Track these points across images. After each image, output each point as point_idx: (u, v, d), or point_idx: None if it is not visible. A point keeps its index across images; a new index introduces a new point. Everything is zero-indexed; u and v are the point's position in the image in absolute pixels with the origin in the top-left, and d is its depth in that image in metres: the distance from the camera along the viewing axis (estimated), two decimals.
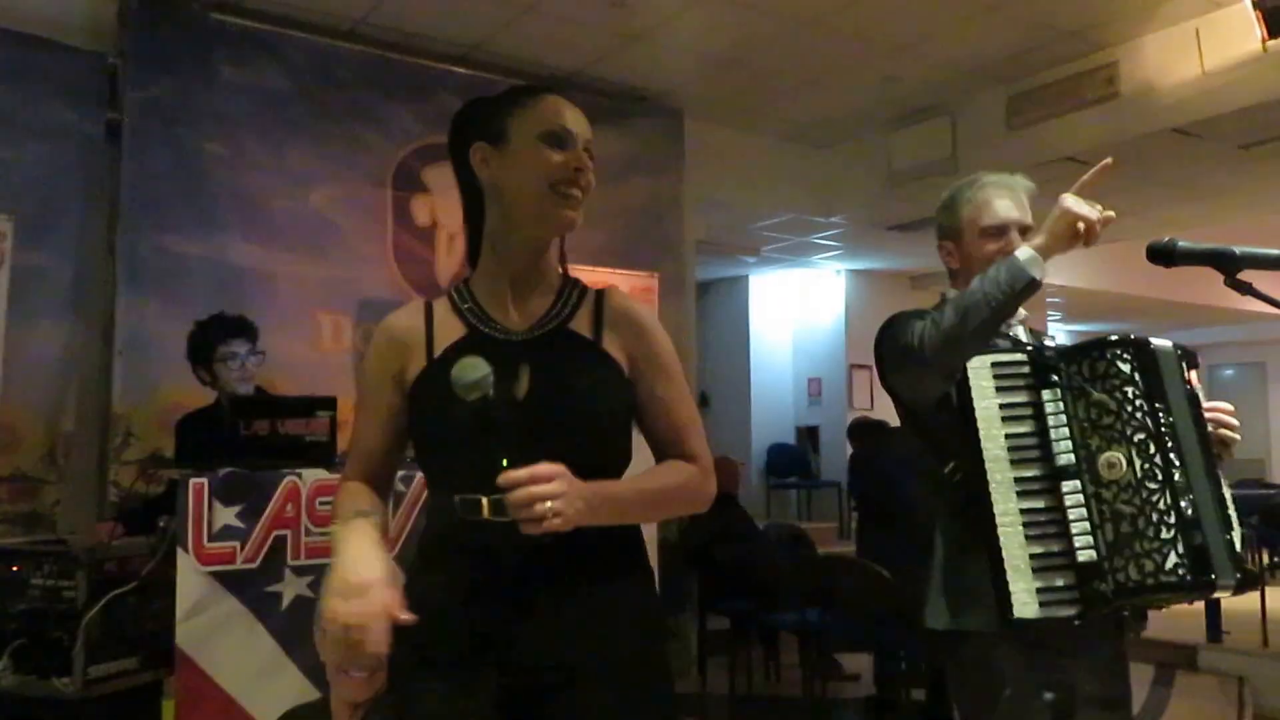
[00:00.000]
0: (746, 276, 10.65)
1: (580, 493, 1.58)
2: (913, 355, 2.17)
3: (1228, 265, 1.89)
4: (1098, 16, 5.79)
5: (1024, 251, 2.10)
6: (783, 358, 10.83)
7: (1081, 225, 2.08)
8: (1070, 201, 2.09)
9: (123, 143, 4.94)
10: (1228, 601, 7.28)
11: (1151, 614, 2.34)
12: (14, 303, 4.40)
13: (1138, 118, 6.08)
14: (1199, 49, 5.74)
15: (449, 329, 1.78)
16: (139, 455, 4.68)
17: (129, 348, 4.83)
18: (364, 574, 1.57)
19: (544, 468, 1.56)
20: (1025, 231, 2.35)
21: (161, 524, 3.10)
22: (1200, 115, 5.91)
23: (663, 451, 1.82)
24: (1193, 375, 2.23)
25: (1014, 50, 6.20)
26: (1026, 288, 2.09)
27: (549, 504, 1.55)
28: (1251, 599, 6.90)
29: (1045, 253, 2.10)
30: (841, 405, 10.13)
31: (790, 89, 6.74)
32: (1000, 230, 2.37)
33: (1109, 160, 2.14)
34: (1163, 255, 1.95)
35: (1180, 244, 1.92)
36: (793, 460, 10.57)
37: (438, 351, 1.76)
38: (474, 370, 1.61)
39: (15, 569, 3.06)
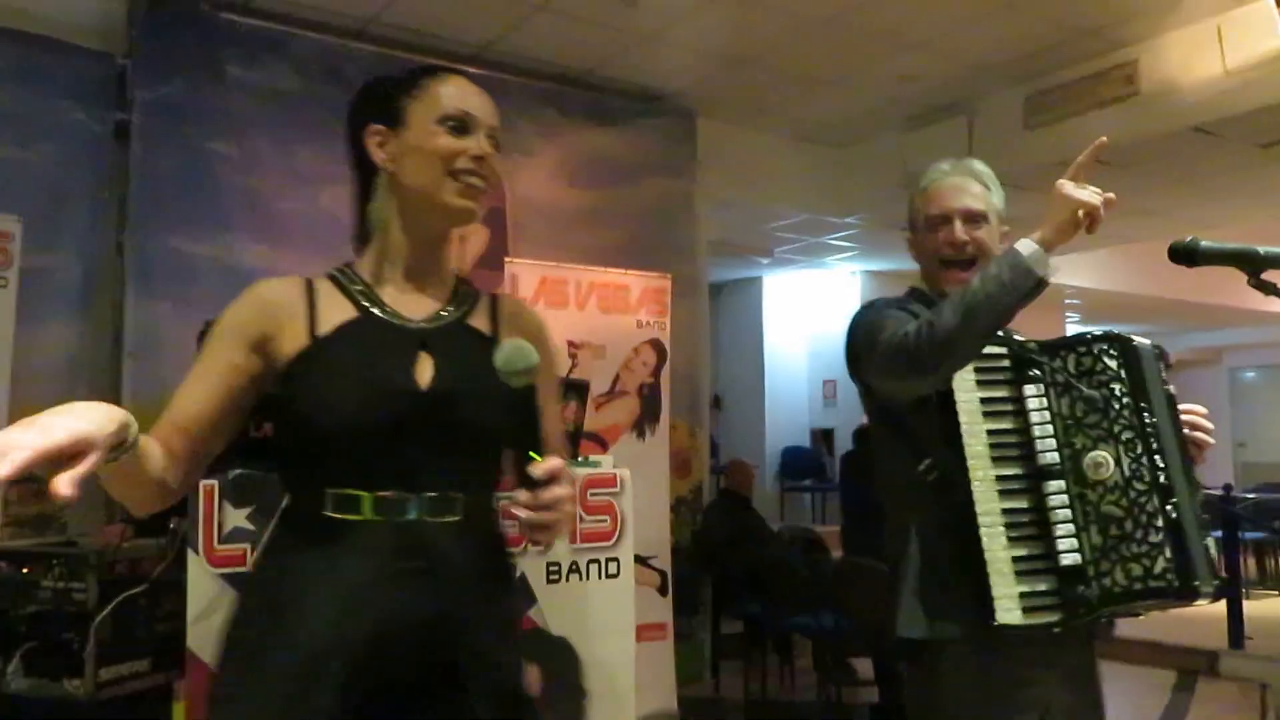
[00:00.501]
0: (760, 278, 10.63)
1: None
2: (905, 355, 2.01)
3: (1252, 265, 1.86)
4: (1117, 14, 5.75)
5: (1026, 245, 1.95)
6: (797, 360, 10.80)
7: (1082, 211, 1.94)
8: (1068, 188, 1.96)
9: (131, 143, 4.95)
10: (1250, 606, 7.28)
11: (1171, 619, 2.31)
12: (23, 304, 4.39)
13: (1158, 117, 6.03)
14: (1220, 46, 5.69)
15: (334, 308, 1.65)
16: None
17: (139, 349, 4.84)
18: (54, 417, 1.26)
19: (560, 465, 1.49)
20: (973, 219, 2.27)
21: (172, 526, 3.12)
22: (1222, 114, 5.86)
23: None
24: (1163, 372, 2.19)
25: (1032, 48, 6.16)
26: (1034, 288, 1.94)
27: (569, 509, 1.49)
28: (1275, 604, 6.88)
29: (1048, 245, 1.95)
30: (857, 408, 9.94)
31: (804, 88, 6.73)
32: (943, 219, 2.29)
33: (1103, 139, 2.06)
34: (1185, 255, 1.92)
35: (1203, 244, 1.89)
36: (807, 463, 10.56)
37: (322, 330, 1.62)
38: (528, 356, 1.52)
39: (25, 571, 3.08)
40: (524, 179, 6.14)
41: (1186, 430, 2.19)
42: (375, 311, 1.66)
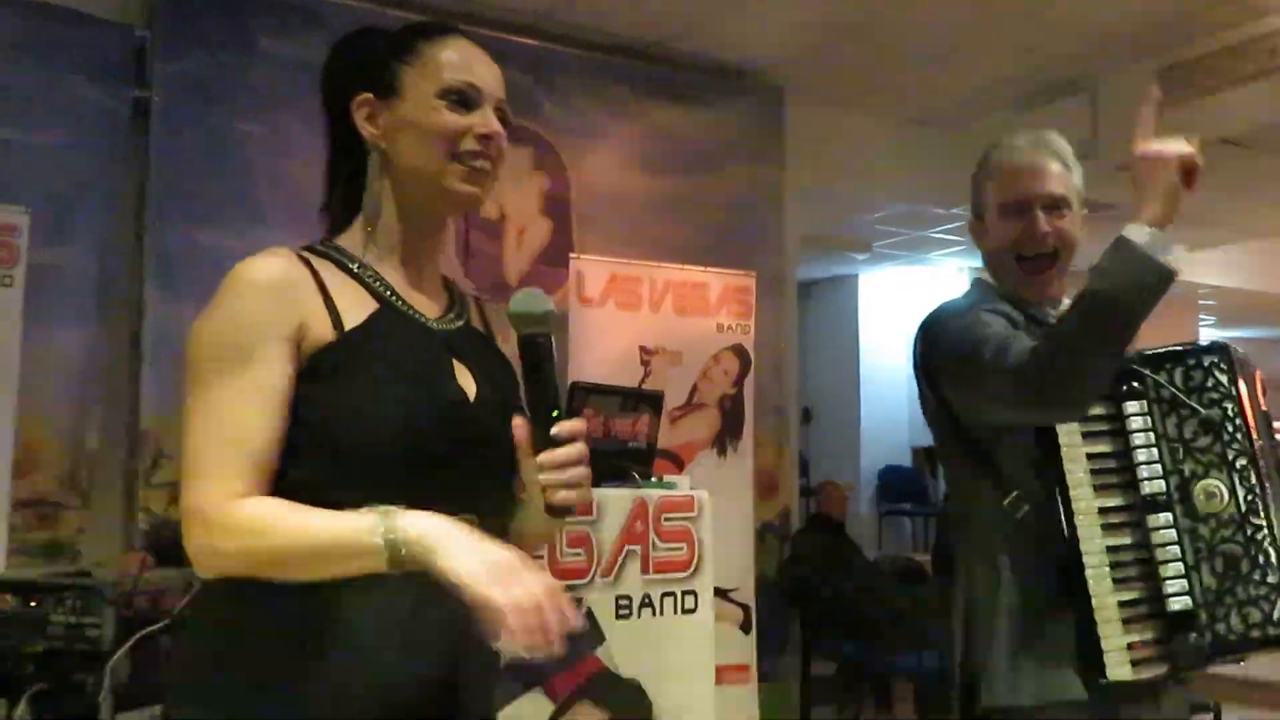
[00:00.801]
0: (856, 275, 10.74)
1: None
2: (1033, 382, 1.86)
3: None
4: None
5: (1138, 232, 1.81)
6: (897, 368, 10.77)
7: (1180, 168, 1.83)
8: (1155, 147, 1.86)
9: (151, 123, 4.94)
10: None
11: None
12: (31, 305, 4.36)
13: None
14: None
15: (349, 296, 1.56)
16: (171, 477, 4.64)
17: (159, 355, 4.81)
18: (504, 552, 1.37)
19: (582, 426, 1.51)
20: (1055, 206, 2.15)
21: None
22: None
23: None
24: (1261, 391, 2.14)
25: (1165, 17, 6.02)
26: (1162, 282, 1.80)
27: (584, 470, 1.49)
28: None
29: (1160, 223, 1.82)
30: None
31: (908, 63, 6.64)
32: (1021, 207, 2.16)
33: (1154, 87, 1.99)
34: None
35: None
36: (907, 484, 10.60)
37: (348, 321, 1.53)
38: (542, 301, 1.51)
39: (33, 604, 3.16)
40: (591, 165, 6.15)
41: None
42: (399, 305, 1.60)
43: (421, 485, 1.47)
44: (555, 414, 1.48)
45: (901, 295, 10.67)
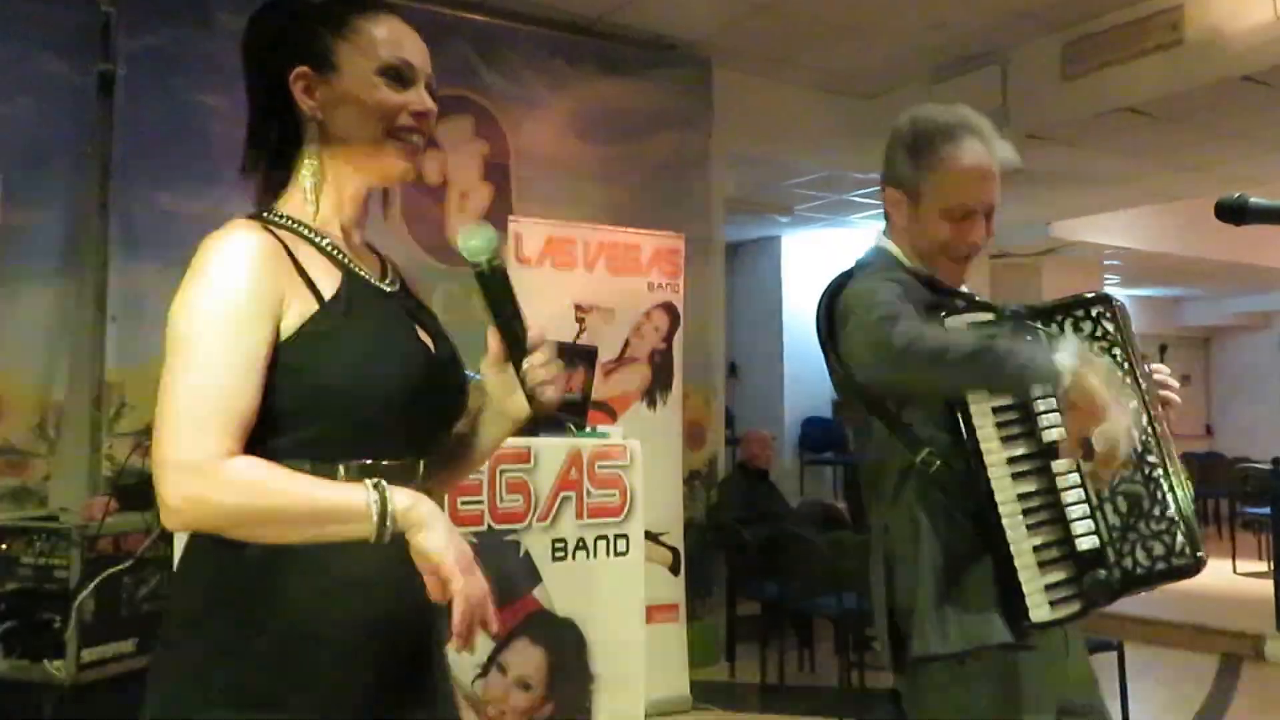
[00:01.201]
0: (779, 237, 10.52)
1: None
2: (883, 350, 1.90)
3: None
4: None
5: (1065, 364, 1.77)
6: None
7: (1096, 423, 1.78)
8: (1096, 380, 1.77)
9: (115, 95, 4.96)
10: None
11: (1215, 601, 2.23)
12: (1, 265, 4.45)
13: (1204, 65, 5.99)
14: None
15: (317, 266, 1.56)
16: (134, 427, 4.72)
17: (123, 312, 4.87)
18: (466, 546, 1.42)
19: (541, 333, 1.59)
20: (990, 213, 2.14)
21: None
22: (1272, 62, 5.81)
23: None
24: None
25: None
26: (1035, 385, 1.87)
27: (558, 366, 1.60)
28: None
29: (1085, 368, 1.80)
30: None
31: (828, 35, 6.67)
32: (963, 213, 2.13)
33: None
34: (1233, 213, 1.89)
35: (1252, 200, 1.87)
36: (828, 434, 10.45)
37: (324, 291, 1.53)
38: (487, 231, 1.54)
39: (4, 547, 3.10)
40: (529, 132, 6.14)
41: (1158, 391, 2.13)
42: (359, 272, 1.61)
43: (397, 433, 1.54)
44: (524, 326, 1.55)
45: (822, 256, 10.38)
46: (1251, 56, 5.84)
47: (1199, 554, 1.97)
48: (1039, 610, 1.93)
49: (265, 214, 1.59)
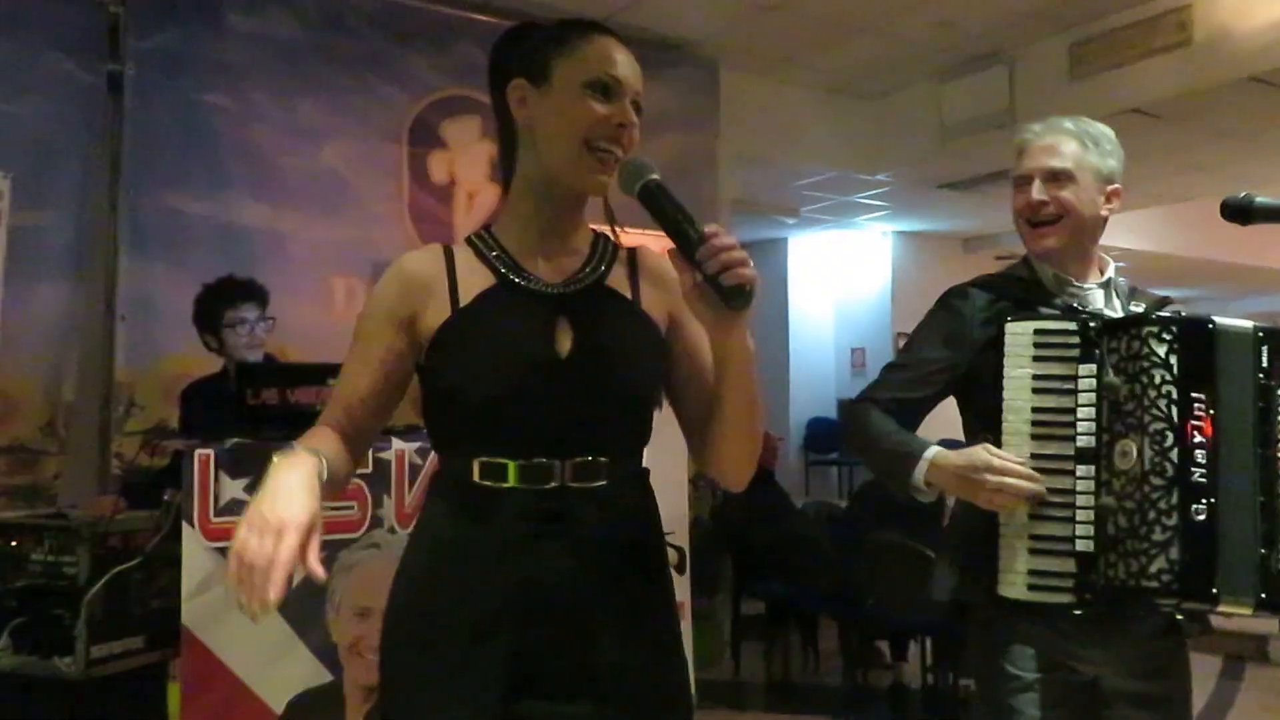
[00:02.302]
0: (785, 239, 10.63)
1: None
2: (843, 421, 2.39)
3: None
4: None
5: (923, 467, 2.19)
6: (823, 326, 10.81)
7: (989, 496, 2.12)
8: (996, 462, 2.11)
9: (125, 95, 4.97)
10: None
11: None
12: (11, 265, 4.44)
13: (1212, 66, 5.99)
14: None
15: (474, 276, 1.72)
16: (143, 425, 4.73)
17: (132, 312, 4.89)
18: (283, 512, 1.42)
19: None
20: (1056, 179, 2.30)
21: (166, 497, 3.13)
22: None
23: (704, 396, 1.76)
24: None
25: None
26: (901, 490, 2.24)
27: (741, 251, 1.55)
28: None
29: (937, 482, 2.21)
30: None
31: (834, 36, 6.68)
32: (1023, 180, 2.34)
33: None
34: (1239, 213, 1.90)
35: (1258, 200, 1.88)
36: (834, 436, 10.50)
37: (464, 299, 1.69)
38: (638, 159, 1.64)
39: (14, 544, 3.09)
40: None
41: None
42: (513, 278, 1.71)
43: (521, 432, 1.64)
44: (697, 225, 1.55)
45: (828, 258, 10.68)
46: (1260, 57, 5.84)
47: (1199, 586, 1.98)
48: (1010, 589, 2.11)
49: (475, 231, 1.79)
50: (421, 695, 1.66)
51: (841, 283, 10.75)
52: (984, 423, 2.20)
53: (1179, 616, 2.22)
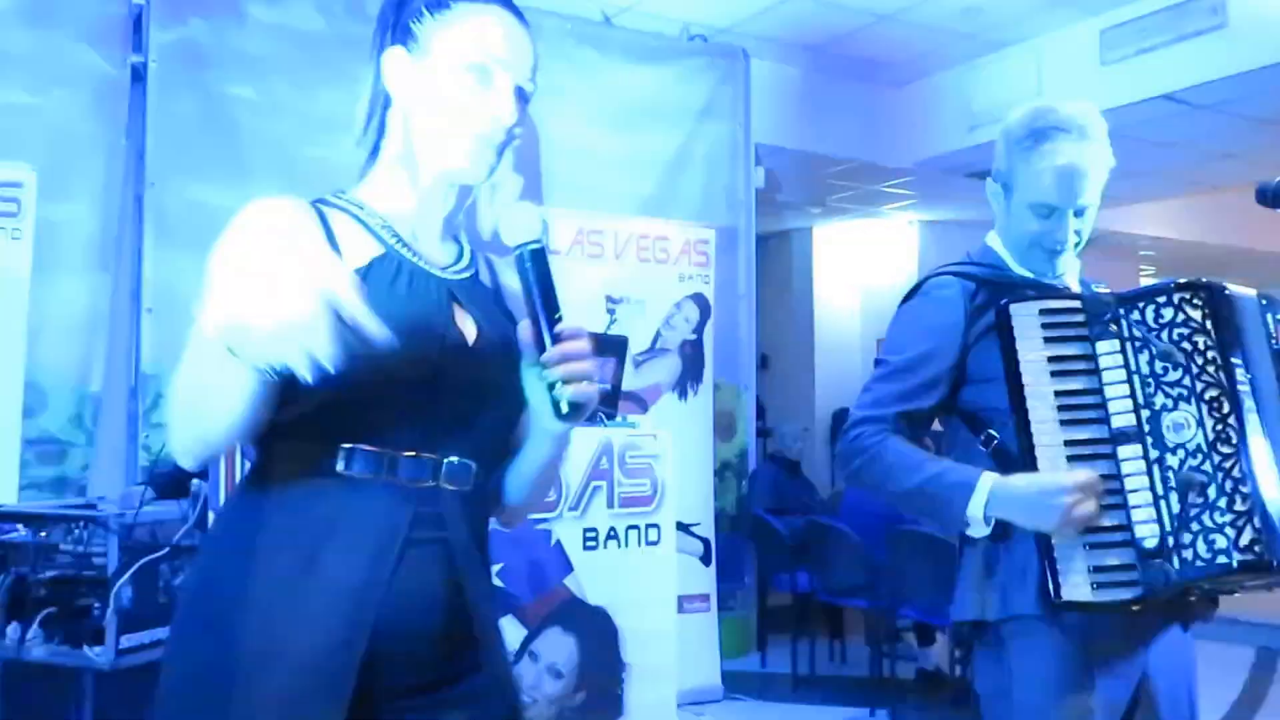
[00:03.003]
0: (810, 228, 10.57)
1: None
2: (842, 448, 2.15)
3: None
4: None
5: (978, 503, 1.98)
6: (849, 316, 10.76)
7: (1068, 519, 1.90)
8: (1068, 480, 1.92)
9: (148, 87, 4.99)
10: None
11: (1252, 596, 2.18)
12: (38, 258, 4.42)
13: (1247, 51, 5.93)
14: None
15: (354, 239, 1.50)
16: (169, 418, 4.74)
17: (158, 305, 4.92)
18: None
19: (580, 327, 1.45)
20: (1081, 213, 2.15)
21: (193, 489, 3.16)
22: None
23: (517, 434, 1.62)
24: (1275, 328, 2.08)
25: None
26: (950, 526, 2.07)
27: (590, 364, 1.43)
28: None
29: (1000, 514, 1.99)
30: None
31: (860, 23, 6.68)
32: (1050, 211, 2.14)
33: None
34: (1274, 197, 1.88)
35: None
36: None
37: (350, 264, 1.42)
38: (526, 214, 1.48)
39: (44, 534, 3.13)
40: (559, 123, 6.08)
41: None
42: (402, 251, 1.52)
43: (407, 421, 1.46)
44: (557, 316, 1.43)
45: (853, 247, 10.61)
46: None
47: (1272, 553, 1.88)
48: (1075, 591, 1.92)
49: (323, 196, 1.56)
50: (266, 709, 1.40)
51: (867, 272, 10.72)
52: (989, 422, 2.08)
53: (1193, 598, 2.07)
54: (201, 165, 5.03)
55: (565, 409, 1.43)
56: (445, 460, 1.49)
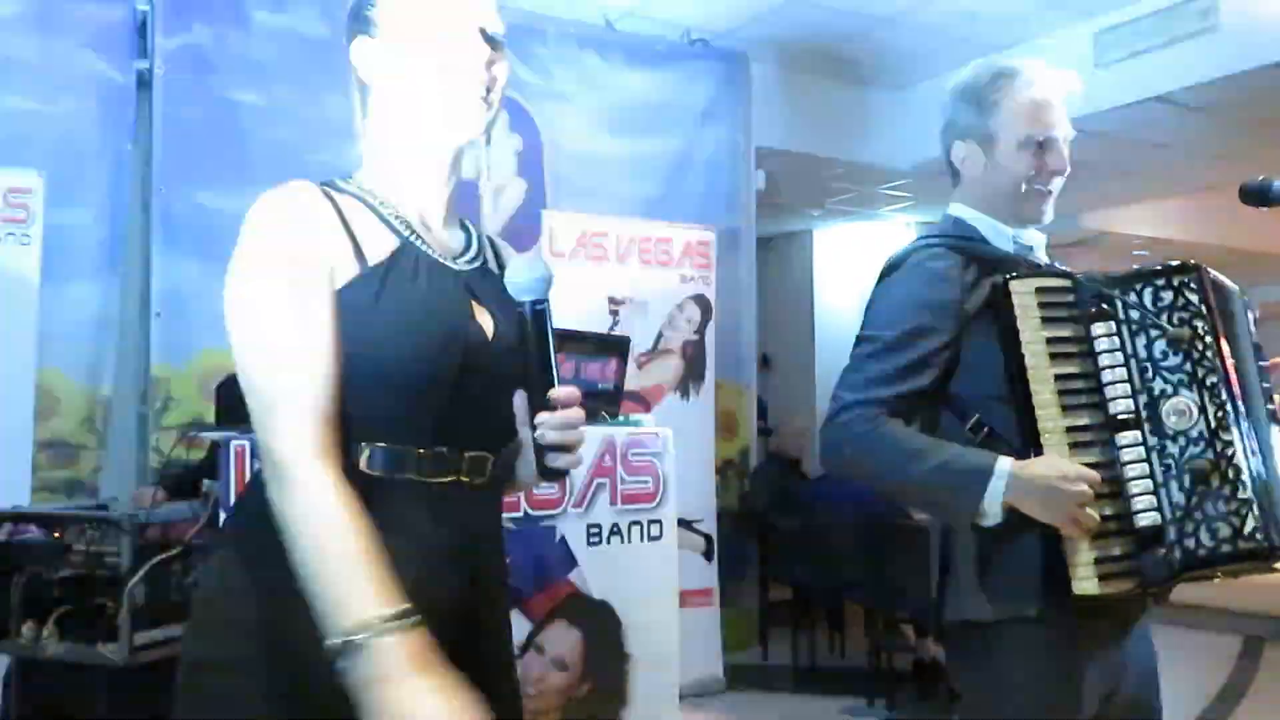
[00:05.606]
0: (810, 231, 10.56)
1: None
2: (830, 434, 2.00)
3: None
4: None
5: (997, 488, 1.85)
6: (849, 317, 10.70)
7: (1075, 512, 1.81)
8: (1075, 470, 1.82)
9: (154, 93, 5.00)
10: None
11: (1237, 584, 2.08)
12: (47, 263, 4.46)
13: (1239, 52, 5.90)
14: None
15: (370, 230, 1.47)
16: (179, 419, 4.77)
17: (167, 309, 4.93)
18: None
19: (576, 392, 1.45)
20: (1068, 138, 2.09)
21: (204, 488, 3.18)
22: None
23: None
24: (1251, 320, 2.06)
25: None
26: (962, 516, 1.91)
27: (580, 434, 1.45)
28: None
29: (1018, 502, 1.85)
30: None
31: (859, 28, 6.67)
32: (1047, 143, 2.06)
33: None
34: (1257, 196, 1.86)
35: (1277, 182, 1.85)
36: None
37: (371, 257, 1.44)
38: (540, 268, 1.46)
39: (57, 535, 3.14)
40: (562, 127, 6.14)
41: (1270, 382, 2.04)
42: (417, 243, 1.49)
43: (431, 419, 1.44)
44: (556, 375, 1.43)
45: (853, 249, 10.50)
46: None
47: (1271, 540, 1.83)
48: (1085, 584, 1.82)
49: (331, 180, 1.52)
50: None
51: (867, 274, 10.67)
52: (977, 409, 1.97)
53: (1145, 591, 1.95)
54: (208, 170, 5.03)
55: (550, 473, 1.47)
56: (466, 454, 1.48)
